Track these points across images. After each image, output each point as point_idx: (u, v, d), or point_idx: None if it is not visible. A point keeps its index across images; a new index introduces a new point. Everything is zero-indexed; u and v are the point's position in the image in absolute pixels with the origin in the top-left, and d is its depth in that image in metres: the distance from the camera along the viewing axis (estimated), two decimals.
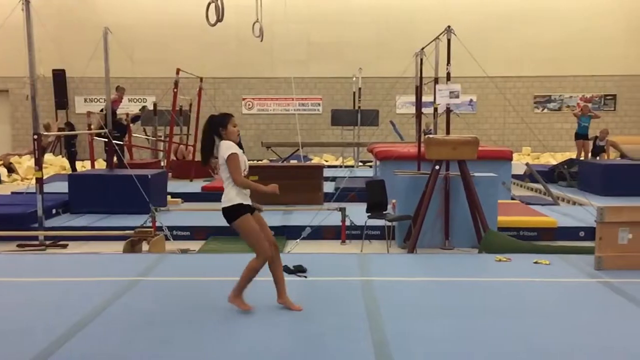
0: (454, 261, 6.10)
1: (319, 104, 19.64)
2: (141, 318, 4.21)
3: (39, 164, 7.57)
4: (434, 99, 7.67)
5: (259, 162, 15.06)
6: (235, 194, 4.16)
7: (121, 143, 12.18)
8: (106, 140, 10.33)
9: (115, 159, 10.70)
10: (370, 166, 15.17)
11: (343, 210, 7.54)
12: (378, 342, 3.73)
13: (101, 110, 13.12)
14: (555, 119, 19.50)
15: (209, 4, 7.98)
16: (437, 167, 6.83)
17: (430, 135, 7.63)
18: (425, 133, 10.12)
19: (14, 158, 15.62)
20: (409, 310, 4.34)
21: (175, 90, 12.48)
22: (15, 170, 14.96)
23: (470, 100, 19.18)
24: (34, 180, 7.68)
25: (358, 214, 7.43)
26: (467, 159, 6.80)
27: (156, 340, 3.80)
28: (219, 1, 7.86)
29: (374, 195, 7.23)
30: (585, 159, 13.48)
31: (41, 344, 3.71)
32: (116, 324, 4.11)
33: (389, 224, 7.14)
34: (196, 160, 13.88)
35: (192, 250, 6.98)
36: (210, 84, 18.23)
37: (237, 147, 4.22)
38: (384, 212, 7.22)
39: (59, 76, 19.10)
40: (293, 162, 14.04)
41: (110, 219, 8.36)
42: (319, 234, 7.57)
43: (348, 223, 7.54)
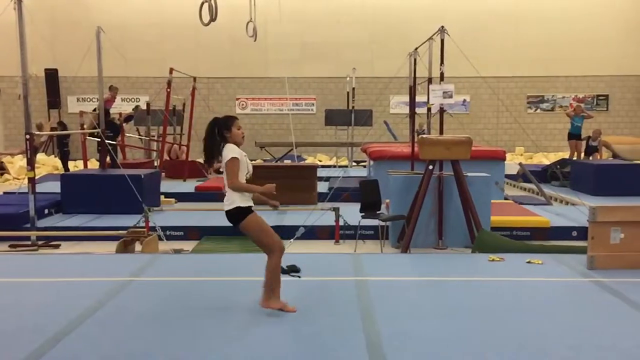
0: (447, 261, 6.11)
1: (312, 104, 19.65)
2: (134, 318, 4.19)
3: (31, 163, 7.53)
4: (428, 99, 7.69)
5: (252, 162, 15.03)
6: (237, 196, 4.14)
7: (114, 143, 12.14)
8: (99, 140, 10.29)
9: (108, 159, 10.65)
10: (364, 166, 15.17)
11: (337, 210, 7.55)
12: (372, 342, 3.73)
13: (94, 110, 13.08)
14: (548, 119, 19.59)
15: (202, 3, 7.97)
16: (431, 167, 6.84)
17: (424, 135, 7.65)
18: (418, 133, 10.14)
19: (6, 158, 15.53)
20: (403, 310, 4.34)
21: (168, 90, 12.45)
22: (7, 170, 14.88)
23: (464, 100, 19.24)
24: (26, 180, 7.64)
25: (352, 213, 7.44)
26: (461, 159, 6.81)
27: (149, 341, 3.79)
28: (213, 1, 7.85)
29: (367, 195, 7.24)
30: (577, 159, 13.55)
31: (33, 344, 3.69)
32: (109, 324, 4.09)
33: (382, 223, 7.15)
34: (189, 160, 13.86)
35: (186, 251, 6.97)
36: (204, 84, 18.20)
37: (240, 151, 4.18)
38: (378, 212, 7.24)
39: (51, 76, 19.02)
40: (287, 162, 14.03)
41: (103, 219, 8.33)
42: (313, 233, 7.57)
43: (342, 223, 7.54)
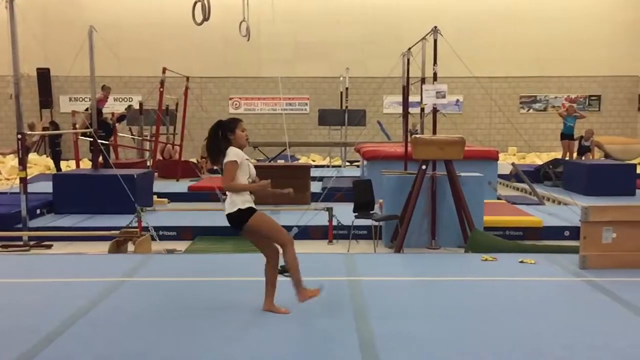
0: (440, 261, 6.12)
1: (306, 104, 19.64)
2: (127, 319, 4.18)
3: (23, 163, 7.49)
4: (421, 99, 7.70)
5: None
6: (238, 198, 4.11)
7: (107, 143, 12.09)
8: (91, 139, 10.25)
9: (100, 159, 10.61)
10: (358, 166, 15.18)
11: (330, 210, 7.55)
12: (365, 343, 3.73)
13: (86, 110, 13.01)
14: (540, 119, 19.67)
15: (195, 3, 7.95)
16: (424, 167, 6.85)
17: (417, 135, 7.66)
18: (411, 133, 10.16)
19: None
20: (396, 310, 4.35)
21: (161, 89, 12.41)
22: None
23: (457, 100, 19.29)
24: (17, 180, 7.59)
25: (345, 213, 7.43)
26: (454, 158, 6.83)
27: (142, 341, 3.78)
28: (206, 0, 7.83)
29: (361, 195, 7.24)
30: (570, 159, 13.61)
31: (26, 345, 3.67)
32: (102, 324, 4.07)
33: (376, 223, 7.15)
34: (183, 160, 13.83)
35: (179, 251, 6.95)
36: (197, 84, 18.16)
37: (243, 155, 4.16)
38: (371, 212, 7.24)
39: (43, 75, 18.92)
40: (280, 162, 14.02)
41: (95, 219, 8.29)
42: (306, 233, 7.56)
43: (335, 223, 7.54)
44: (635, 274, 5.23)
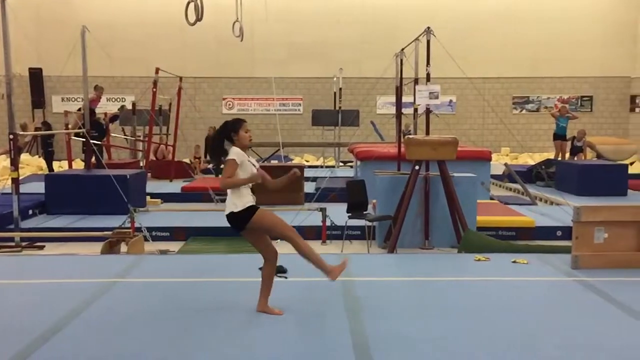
0: (433, 261, 6.14)
1: (299, 104, 19.64)
2: (120, 320, 4.16)
3: (15, 164, 7.45)
4: (414, 99, 7.71)
5: None
6: (237, 198, 4.10)
7: (99, 143, 12.05)
8: (84, 140, 10.21)
9: (93, 159, 10.57)
10: (351, 166, 15.20)
11: (324, 210, 7.55)
12: (358, 343, 3.73)
13: (79, 110, 12.96)
14: (533, 120, 19.75)
15: (188, 3, 7.93)
16: (417, 168, 6.87)
17: (410, 136, 7.67)
18: (404, 134, 10.17)
19: None
20: (389, 311, 4.35)
21: (154, 89, 12.38)
22: None
23: (450, 100, 19.33)
24: (9, 181, 7.56)
25: (338, 214, 7.44)
26: (447, 159, 6.85)
27: (135, 342, 3.77)
28: (199, 0, 7.82)
29: (354, 195, 7.25)
30: (562, 160, 13.67)
31: (18, 345, 3.65)
32: (94, 325, 4.06)
33: (369, 224, 7.16)
34: (176, 160, 13.80)
35: (172, 251, 6.93)
36: (190, 84, 18.12)
37: (243, 155, 4.15)
38: (365, 212, 7.25)
39: (35, 75, 18.82)
40: (274, 163, 14.02)
41: (88, 219, 8.26)
42: (300, 234, 7.47)
43: (328, 223, 7.55)
44: (626, 274, 5.26)
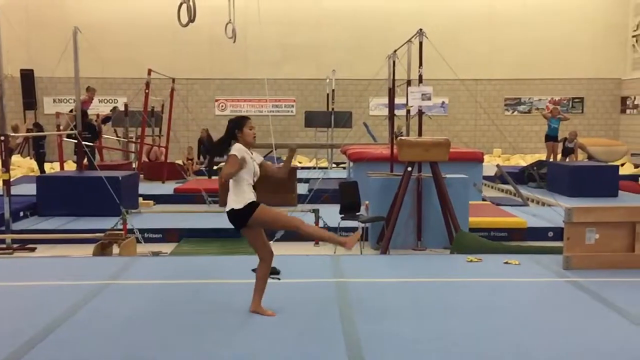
0: (426, 262, 6.15)
1: (292, 106, 19.63)
2: (112, 322, 4.15)
3: (6, 165, 7.42)
4: (407, 101, 7.73)
5: None
6: (237, 195, 4.09)
7: (92, 144, 12.00)
8: (76, 141, 10.16)
9: (85, 161, 10.52)
10: (344, 168, 15.22)
11: (316, 211, 7.56)
12: (351, 344, 3.74)
13: (70, 111, 12.91)
14: (525, 122, 19.83)
15: (181, 4, 7.91)
16: (410, 169, 6.88)
17: (403, 137, 7.69)
18: (396, 136, 10.19)
19: None
20: (382, 311, 4.36)
21: (146, 91, 12.34)
22: None
23: (442, 102, 19.38)
24: (0, 183, 7.51)
25: (331, 215, 7.45)
26: (439, 160, 6.87)
27: (128, 345, 3.76)
28: (191, 2, 7.80)
29: (347, 196, 7.26)
30: (554, 161, 13.73)
31: (9, 349, 3.63)
32: (86, 328, 4.04)
33: (362, 225, 7.17)
34: (168, 161, 13.76)
35: (164, 253, 6.92)
36: (183, 85, 18.08)
37: (246, 151, 4.14)
38: (357, 214, 7.25)
39: (27, 76, 18.72)
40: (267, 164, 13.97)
41: (79, 221, 8.22)
42: (293, 235, 7.53)
43: (321, 224, 7.55)
44: (617, 275, 5.29)
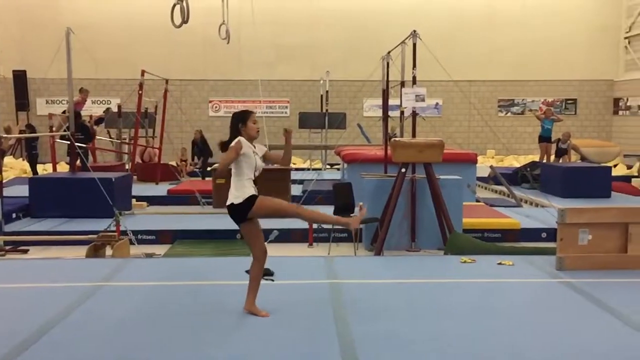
0: (420, 263, 6.16)
1: (286, 107, 19.62)
2: (105, 324, 4.13)
3: None
4: (401, 102, 7.74)
5: None
6: (238, 188, 4.09)
7: (85, 146, 11.95)
8: (69, 142, 10.12)
9: (78, 162, 10.48)
10: (338, 169, 15.22)
11: None
12: (345, 345, 3.74)
13: (63, 112, 12.85)
14: (518, 123, 19.90)
15: (174, 5, 7.88)
16: (404, 170, 6.89)
17: (397, 138, 7.70)
18: (390, 137, 10.21)
19: None
20: (376, 312, 4.36)
21: (140, 92, 12.31)
22: None
23: (436, 103, 19.42)
24: None
25: None
26: (433, 161, 6.88)
27: (121, 347, 3.74)
28: (185, 2, 7.78)
29: (341, 197, 7.26)
30: (547, 162, 13.78)
31: (2, 350, 3.61)
32: (79, 330, 4.02)
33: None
34: (162, 163, 13.72)
35: (158, 255, 6.89)
36: (177, 86, 18.03)
37: (248, 145, 4.13)
38: (352, 215, 7.25)
39: (19, 77, 18.63)
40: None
41: (72, 223, 8.19)
42: (287, 236, 7.56)
43: (315, 226, 7.54)
44: (610, 275, 5.32)
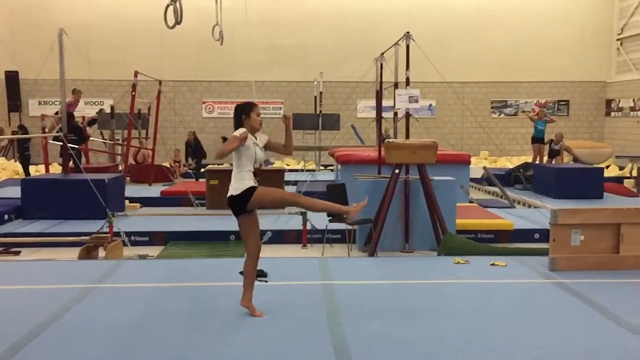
0: (413, 264, 6.17)
1: (280, 108, 19.61)
2: (98, 326, 4.11)
3: None
4: (394, 103, 7.75)
5: (220, 166, 14.94)
6: (238, 180, 4.11)
7: (77, 147, 11.89)
8: (62, 144, 10.07)
9: (71, 163, 10.43)
10: (332, 170, 15.22)
11: (304, 214, 7.55)
12: (338, 346, 3.74)
13: (56, 113, 12.79)
14: (511, 124, 19.97)
15: (168, 6, 7.85)
16: (397, 171, 6.90)
17: (390, 140, 7.71)
18: (384, 138, 10.21)
19: None
20: (370, 313, 4.37)
21: (133, 93, 12.26)
22: None
23: (430, 105, 19.46)
24: None
25: (319, 217, 7.43)
26: (427, 162, 6.89)
27: (113, 349, 3.72)
28: (178, 3, 7.76)
29: (335, 198, 7.25)
30: (540, 163, 13.83)
31: None
32: (72, 332, 4.01)
33: (349, 227, 7.18)
34: (155, 164, 13.68)
35: (151, 256, 6.88)
36: (170, 87, 18.00)
37: (248, 135, 4.14)
38: (345, 216, 7.25)
39: (11, 78, 18.54)
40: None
41: (65, 224, 8.15)
42: (280, 238, 7.56)
43: (309, 227, 7.55)
44: (602, 276, 5.34)
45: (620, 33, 19.22)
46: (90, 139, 14.41)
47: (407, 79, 7.43)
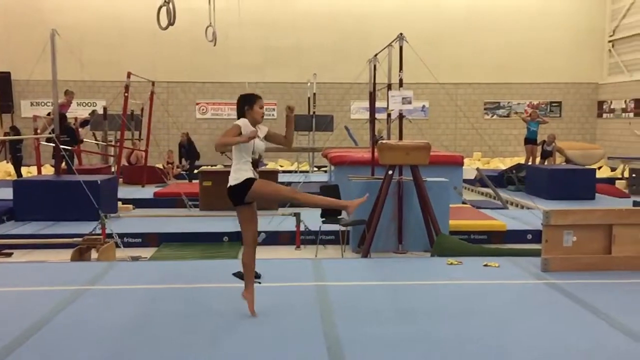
0: (407, 265, 6.18)
1: (273, 109, 19.60)
2: (90, 328, 4.09)
3: None
4: (387, 104, 7.77)
5: (213, 168, 14.92)
6: (237, 170, 4.10)
7: (70, 148, 11.85)
8: (54, 145, 10.03)
9: (63, 165, 10.39)
10: (325, 171, 15.22)
11: (298, 215, 7.55)
12: (332, 347, 3.74)
13: (48, 114, 12.74)
14: (504, 125, 20.05)
15: (161, 7, 7.84)
16: (391, 172, 6.91)
17: (384, 141, 7.72)
18: (377, 139, 10.23)
19: None
20: (363, 315, 4.37)
21: (126, 94, 12.23)
22: None
23: (423, 106, 19.51)
24: None
25: (313, 219, 7.45)
26: (420, 164, 6.91)
27: (106, 351, 3.71)
28: (171, 4, 7.74)
29: None
30: (532, 164, 13.89)
31: None
32: (64, 334, 3.99)
33: (343, 228, 7.18)
34: (148, 165, 13.64)
35: (144, 258, 6.85)
36: (163, 88, 17.95)
37: (249, 126, 4.12)
38: (339, 217, 7.26)
39: (3, 79, 18.45)
40: None
41: (57, 226, 8.12)
42: (274, 239, 7.56)
43: (302, 228, 7.55)
44: (594, 276, 5.37)
45: (612, 35, 19.34)
46: (85, 140, 14.36)
47: (401, 80, 7.45)
